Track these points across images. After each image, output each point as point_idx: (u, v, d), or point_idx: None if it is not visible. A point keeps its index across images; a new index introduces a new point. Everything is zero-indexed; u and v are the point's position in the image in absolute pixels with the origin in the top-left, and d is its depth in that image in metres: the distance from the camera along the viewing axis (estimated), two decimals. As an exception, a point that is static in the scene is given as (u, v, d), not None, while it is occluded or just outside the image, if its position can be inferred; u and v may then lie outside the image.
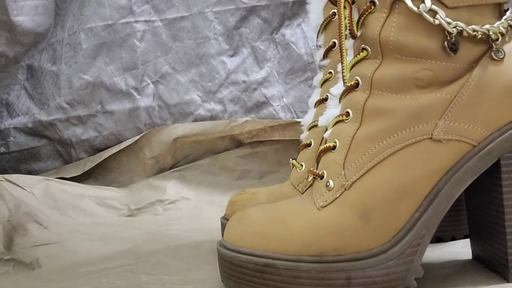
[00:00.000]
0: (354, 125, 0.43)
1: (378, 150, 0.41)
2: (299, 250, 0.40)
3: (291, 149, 0.95)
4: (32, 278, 0.54)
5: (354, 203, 0.41)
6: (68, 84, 0.93)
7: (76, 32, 0.93)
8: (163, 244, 0.64)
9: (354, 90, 0.44)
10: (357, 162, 0.42)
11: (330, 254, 0.40)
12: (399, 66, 0.42)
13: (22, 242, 0.64)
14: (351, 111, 0.43)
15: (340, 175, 0.42)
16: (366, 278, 0.39)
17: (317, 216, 0.41)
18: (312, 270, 0.40)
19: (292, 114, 0.95)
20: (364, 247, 0.40)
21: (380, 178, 0.41)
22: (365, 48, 0.43)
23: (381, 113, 0.42)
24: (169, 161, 0.94)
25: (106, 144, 0.95)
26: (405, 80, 0.41)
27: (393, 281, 0.40)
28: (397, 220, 0.41)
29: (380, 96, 0.42)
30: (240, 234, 0.43)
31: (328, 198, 0.42)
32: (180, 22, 0.94)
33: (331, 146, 0.44)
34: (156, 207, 0.85)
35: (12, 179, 0.79)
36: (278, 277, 0.40)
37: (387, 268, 0.40)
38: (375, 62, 0.42)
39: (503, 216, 0.42)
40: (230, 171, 0.94)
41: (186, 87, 0.95)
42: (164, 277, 0.51)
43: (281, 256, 0.40)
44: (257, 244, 0.41)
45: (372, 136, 0.42)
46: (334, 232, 0.40)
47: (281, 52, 0.96)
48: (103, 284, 0.49)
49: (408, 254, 0.40)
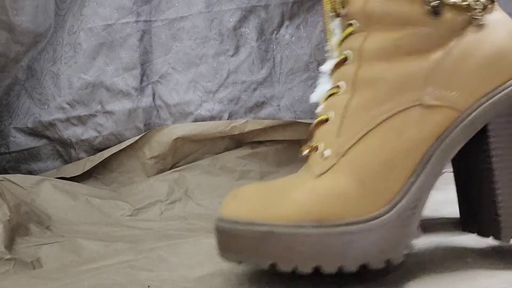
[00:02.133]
0: (347, 96, 0.44)
1: (371, 117, 0.43)
2: (300, 217, 0.41)
3: (291, 149, 0.95)
4: (33, 278, 0.54)
5: (351, 169, 0.42)
6: (68, 84, 0.93)
7: (76, 32, 0.93)
8: (164, 241, 0.64)
9: (344, 64, 0.45)
10: (351, 130, 0.43)
11: (330, 220, 0.40)
12: (384, 35, 0.43)
13: (23, 241, 0.64)
14: (342, 83, 0.45)
15: (335, 143, 0.43)
16: (366, 240, 0.40)
17: (314, 184, 0.42)
18: (312, 235, 0.40)
19: (292, 114, 0.95)
20: (362, 212, 0.41)
21: (374, 144, 0.42)
22: (351, 23, 0.45)
23: (372, 82, 0.43)
24: (169, 161, 0.94)
25: (106, 144, 0.94)
26: (391, 49, 0.43)
27: (392, 242, 0.41)
28: (393, 185, 0.42)
29: (370, 66, 0.44)
30: (237, 207, 0.43)
31: (325, 166, 0.43)
32: (180, 22, 0.94)
33: (325, 119, 0.45)
34: (157, 207, 0.85)
35: (12, 179, 0.79)
36: (279, 243, 0.40)
37: (386, 230, 0.40)
38: (362, 34, 0.44)
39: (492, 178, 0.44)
40: (230, 172, 0.94)
41: (186, 87, 0.95)
42: (164, 273, 0.51)
43: (281, 223, 0.41)
44: (255, 214, 0.42)
45: (365, 104, 0.43)
46: (333, 198, 0.41)
47: (281, 52, 0.96)
48: (103, 281, 0.49)
49: (405, 217, 0.41)
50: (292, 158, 0.95)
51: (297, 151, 0.93)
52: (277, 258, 0.41)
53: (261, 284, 0.46)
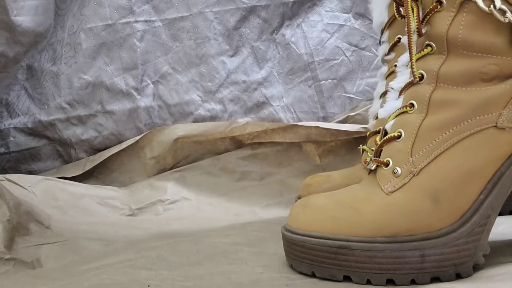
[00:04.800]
0: (420, 116, 0.46)
1: (445, 138, 0.45)
2: (372, 232, 0.44)
3: (291, 151, 0.95)
4: (33, 277, 0.54)
5: (424, 187, 0.44)
6: (68, 84, 0.93)
7: (76, 32, 0.93)
8: (163, 240, 0.64)
9: (419, 83, 0.47)
10: (424, 150, 0.45)
11: (403, 235, 0.43)
12: (465, 61, 0.45)
13: (23, 241, 0.64)
14: (415, 102, 0.47)
15: (407, 162, 0.46)
16: (439, 255, 0.43)
17: (387, 201, 0.45)
18: (387, 249, 0.43)
19: (292, 114, 0.95)
20: (435, 228, 0.44)
21: (448, 163, 0.45)
22: (430, 44, 0.46)
23: (447, 104, 0.45)
24: (169, 161, 0.94)
25: (106, 144, 0.94)
26: (471, 74, 0.45)
27: (463, 257, 0.44)
28: (465, 202, 0.44)
29: (446, 89, 0.46)
30: (309, 219, 0.46)
31: (396, 184, 0.45)
32: (180, 22, 0.94)
33: (396, 136, 0.47)
34: (157, 207, 0.85)
35: (12, 178, 0.79)
36: (353, 258, 0.43)
37: (458, 246, 0.43)
38: (440, 57, 0.46)
39: None
40: (231, 172, 0.94)
41: (186, 87, 0.95)
42: (164, 272, 0.51)
43: (355, 238, 0.44)
44: (328, 228, 0.45)
45: (439, 125, 0.45)
46: (406, 215, 0.44)
47: (281, 52, 0.96)
48: (103, 280, 0.49)
49: (476, 233, 0.44)
50: (292, 159, 0.95)
51: (296, 153, 0.93)
52: (350, 271, 0.44)
53: (261, 283, 0.46)
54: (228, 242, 0.62)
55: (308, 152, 0.95)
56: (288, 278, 0.47)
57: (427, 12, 0.46)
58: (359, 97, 0.96)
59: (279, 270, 0.49)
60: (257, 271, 0.50)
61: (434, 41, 0.46)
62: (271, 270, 0.50)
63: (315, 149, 0.95)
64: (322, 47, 0.95)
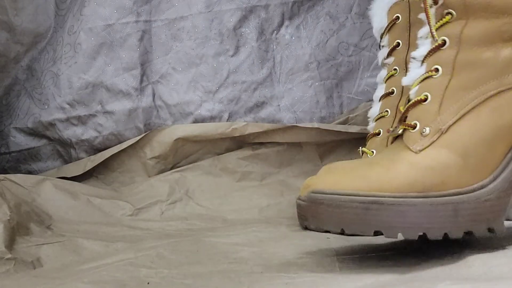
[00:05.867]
0: (446, 78, 0.48)
1: (472, 97, 0.46)
2: (404, 188, 0.44)
3: (292, 151, 0.95)
4: (33, 277, 0.54)
5: (453, 144, 0.45)
6: (68, 84, 0.93)
7: (76, 32, 0.93)
8: (163, 240, 0.64)
9: (441, 49, 0.48)
10: (452, 108, 0.46)
11: (434, 190, 0.44)
12: (485, 22, 0.47)
13: (23, 241, 0.64)
14: (440, 66, 0.48)
15: (435, 121, 0.47)
16: (472, 210, 0.44)
17: (417, 158, 0.46)
18: (419, 204, 0.43)
19: (292, 114, 0.95)
20: (466, 183, 0.44)
21: (476, 121, 0.46)
22: (450, 12, 0.48)
23: (472, 65, 0.47)
24: (170, 161, 0.94)
25: (106, 144, 0.94)
26: (492, 35, 0.47)
27: (495, 212, 0.45)
28: (494, 158, 0.46)
29: (469, 50, 0.47)
30: (337, 179, 0.46)
31: (425, 142, 0.46)
32: (180, 22, 0.94)
33: (423, 99, 0.48)
34: (157, 207, 0.85)
35: (13, 178, 0.79)
36: (385, 213, 0.43)
37: (490, 201, 0.44)
38: (461, 22, 0.48)
39: None
40: (231, 173, 0.93)
41: (186, 87, 0.95)
42: (163, 270, 0.51)
43: (386, 194, 0.44)
44: (357, 186, 0.44)
45: (466, 85, 0.47)
46: (437, 170, 0.45)
47: (281, 52, 0.96)
48: (103, 277, 0.49)
49: (507, 188, 0.45)
50: (293, 159, 0.95)
51: (297, 153, 0.93)
52: (381, 227, 0.44)
53: (260, 282, 0.46)
54: (228, 242, 0.62)
55: (308, 152, 0.95)
56: (288, 277, 0.47)
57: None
58: (359, 97, 0.96)
59: (279, 270, 0.49)
60: (257, 270, 0.50)
61: (454, 8, 0.48)
62: (271, 270, 0.50)
63: (316, 150, 0.95)
64: (322, 47, 0.95)
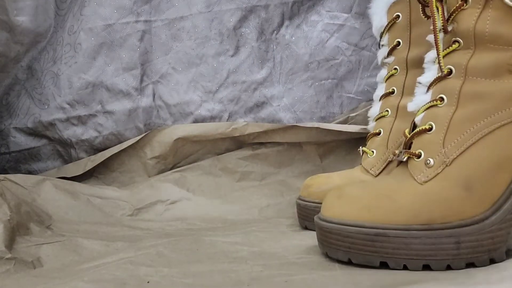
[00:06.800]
0: (451, 108, 0.48)
1: (477, 129, 0.47)
2: (408, 220, 0.45)
3: (292, 151, 0.95)
4: (33, 277, 0.54)
5: (457, 177, 0.46)
6: (68, 84, 0.93)
7: (76, 32, 0.93)
8: (164, 239, 0.64)
9: (447, 78, 0.49)
10: (456, 141, 0.47)
11: (438, 222, 0.45)
12: (493, 54, 0.47)
13: (23, 241, 0.64)
14: (445, 96, 0.49)
15: (440, 153, 0.48)
16: (474, 242, 0.45)
17: (421, 190, 0.47)
18: (423, 236, 0.45)
19: (292, 114, 0.95)
20: (469, 215, 0.45)
21: (480, 153, 0.47)
22: (457, 40, 0.48)
23: (477, 97, 0.47)
24: (170, 161, 0.94)
25: (106, 144, 0.94)
26: (499, 67, 0.47)
27: (497, 243, 0.45)
28: (496, 190, 0.46)
29: (475, 81, 0.47)
30: (344, 209, 0.48)
31: (430, 174, 0.47)
32: (180, 22, 0.94)
33: (427, 128, 0.49)
34: (157, 207, 0.85)
35: (13, 178, 0.79)
36: (390, 245, 0.45)
37: (492, 232, 0.45)
38: (468, 52, 0.48)
39: None
40: (231, 172, 0.94)
41: (186, 87, 0.95)
42: (163, 269, 0.51)
43: (391, 226, 0.45)
44: (364, 217, 0.46)
45: (470, 117, 0.47)
46: (440, 203, 0.46)
47: (281, 52, 0.96)
48: (103, 276, 0.49)
49: (509, 219, 0.46)
50: (293, 159, 0.95)
51: (297, 153, 0.93)
52: (387, 258, 0.45)
53: (260, 280, 0.46)
54: (228, 242, 0.62)
55: (308, 152, 0.95)
56: (287, 275, 0.47)
57: (453, 11, 0.48)
58: (359, 96, 0.96)
59: (279, 268, 0.49)
60: (257, 269, 0.50)
61: (462, 37, 0.48)
62: (270, 269, 0.50)
63: (316, 150, 0.95)
64: (322, 47, 0.95)
